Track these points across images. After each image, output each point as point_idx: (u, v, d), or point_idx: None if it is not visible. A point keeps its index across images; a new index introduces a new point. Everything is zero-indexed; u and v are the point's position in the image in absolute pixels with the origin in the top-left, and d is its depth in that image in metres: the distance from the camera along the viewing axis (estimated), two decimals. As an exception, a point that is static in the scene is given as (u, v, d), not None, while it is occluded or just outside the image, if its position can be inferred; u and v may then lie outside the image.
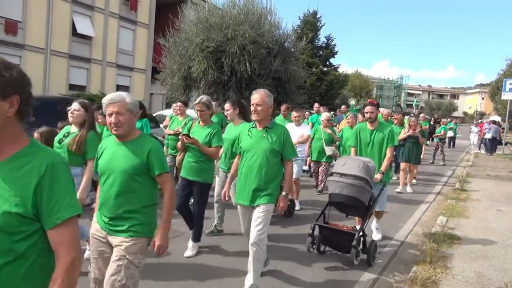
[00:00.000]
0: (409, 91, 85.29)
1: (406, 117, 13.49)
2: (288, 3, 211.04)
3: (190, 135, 4.57)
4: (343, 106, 15.06)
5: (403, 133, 9.45)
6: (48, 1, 21.29)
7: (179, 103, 7.49)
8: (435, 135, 15.80)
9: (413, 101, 76.15)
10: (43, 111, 6.64)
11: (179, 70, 15.90)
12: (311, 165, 8.62)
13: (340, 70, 37.78)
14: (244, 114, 5.33)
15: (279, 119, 8.73)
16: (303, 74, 17.80)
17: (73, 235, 1.46)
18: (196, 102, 4.66)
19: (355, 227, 4.96)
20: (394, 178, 10.20)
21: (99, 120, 6.38)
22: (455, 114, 68.54)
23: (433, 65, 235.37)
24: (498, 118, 27.87)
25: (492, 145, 19.89)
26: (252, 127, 3.84)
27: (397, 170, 10.52)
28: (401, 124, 10.27)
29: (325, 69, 33.36)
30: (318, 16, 32.76)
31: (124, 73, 26.39)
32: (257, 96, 3.71)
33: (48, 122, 6.41)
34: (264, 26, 15.64)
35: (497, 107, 38.66)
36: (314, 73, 29.60)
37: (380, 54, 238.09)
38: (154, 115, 15.42)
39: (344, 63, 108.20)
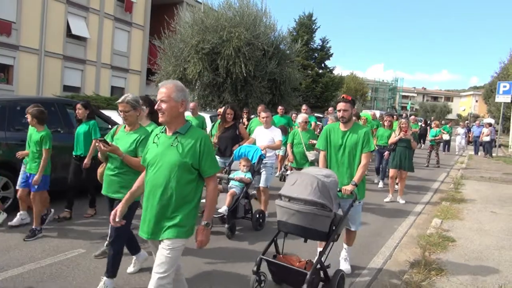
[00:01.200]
0: (403, 93, 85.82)
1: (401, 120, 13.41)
2: (283, 6, 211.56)
3: (114, 141, 3.83)
4: (330, 108, 13.97)
5: (394, 136, 8.62)
6: (43, 2, 21.20)
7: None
8: (433, 138, 15.24)
9: (408, 104, 76.67)
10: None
11: (174, 71, 15.88)
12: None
13: (336, 72, 37.96)
14: (153, 115, 4.29)
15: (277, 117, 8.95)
16: (298, 76, 17.85)
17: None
18: (119, 101, 3.78)
19: (309, 261, 3.84)
20: (380, 185, 9.96)
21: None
22: (449, 116, 68.87)
23: (428, 68, 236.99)
24: (492, 121, 28.03)
25: (490, 147, 19.75)
26: (162, 132, 2.84)
27: (385, 176, 9.95)
28: (392, 127, 9.71)
29: (320, 71, 33.48)
30: (313, 18, 32.86)
31: (119, 75, 26.32)
32: (163, 90, 2.71)
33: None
34: (259, 28, 15.67)
35: (490, 109, 38.93)
36: (309, 75, 29.72)
37: (375, 57, 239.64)
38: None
39: (340, 65, 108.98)
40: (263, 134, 6.51)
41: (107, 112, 8.93)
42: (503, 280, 4.36)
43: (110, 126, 7.63)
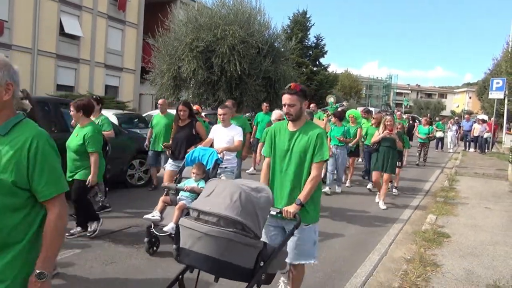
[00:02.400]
0: (398, 90, 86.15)
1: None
2: (277, 3, 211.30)
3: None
4: (312, 105, 12.40)
5: (377, 135, 7.77)
6: (35, 0, 21.03)
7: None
8: (426, 136, 14.46)
9: (403, 100, 77.01)
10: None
11: (168, 70, 15.82)
12: None
13: (331, 69, 38.00)
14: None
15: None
16: (293, 74, 17.85)
17: None
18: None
19: None
20: (369, 186, 9.16)
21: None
22: (443, 113, 69.22)
23: (422, 65, 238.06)
24: (485, 117, 28.19)
25: (484, 143, 19.82)
26: None
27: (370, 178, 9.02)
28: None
29: (314, 68, 33.47)
30: (307, 16, 32.84)
31: (113, 73, 26.18)
32: None
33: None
34: (253, 26, 15.65)
35: (484, 105, 39.15)
36: (304, 73, 29.72)
37: (370, 54, 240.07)
38: (143, 115, 15.32)
39: (335, 63, 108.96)
40: (221, 134, 5.67)
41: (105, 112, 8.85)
42: (498, 275, 4.39)
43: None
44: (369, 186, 9.19)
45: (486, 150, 19.68)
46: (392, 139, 7.52)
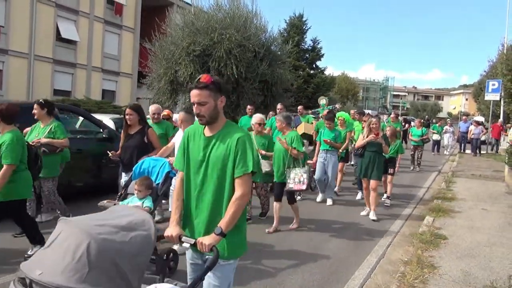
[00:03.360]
0: (394, 92, 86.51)
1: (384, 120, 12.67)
2: (274, 7, 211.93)
3: None
4: (299, 107, 11.80)
5: (361, 139, 7.12)
6: (32, 5, 21.05)
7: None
8: (420, 138, 13.71)
9: (399, 102, 77.33)
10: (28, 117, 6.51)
11: (165, 74, 15.82)
12: None
13: (328, 72, 38.12)
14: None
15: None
16: (289, 77, 17.87)
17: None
18: None
19: None
20: (358, 197, 8.46)
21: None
22: (440, 115, 69.50)
23: (419, 67, 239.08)
24: (481, 119, 28.29)
25: (479, 146, 19.43)
26: None
27: (360, 187, 8.21)
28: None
29: (311, 71, 33.57)
30: (304, 19, 32.96)
31: (110, 78, 26.20)
32: None
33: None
34: (250, 29, 15.67)
35: (480, 107, 39.35)
36: (300, 76, 29.78)
37: (367, 57, 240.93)
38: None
39: (332, 65, 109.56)
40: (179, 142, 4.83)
41: (98, 116, 8.88)
42: (495, 276, 4.41)
43: (101, 130, 7.60)
44: (359, 196, 8.42)
45: (480, 152, 19.32)
46: (378, 144, 6.89)
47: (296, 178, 5.79)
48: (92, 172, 7.28)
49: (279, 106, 10.68)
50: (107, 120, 9.16)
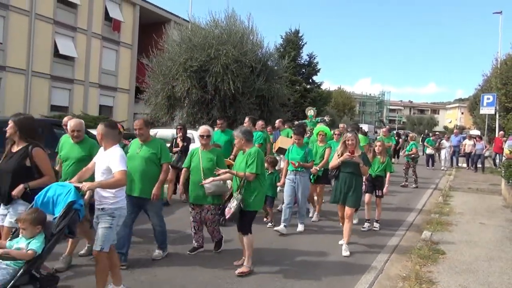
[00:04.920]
0: (391, 107, 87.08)
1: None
2: (270, 23, 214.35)
3: None
4: (277, 121, 10.98)
5: (335, 158, 5.93)
6: (30, 22, 21.22)
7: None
8: (407, 153, 13.18)
9: (396, 117, 77.77)
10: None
11: (162, 89, 15.90)
12: (191, 212, 5.44)
13: (324, 87, 38.38)
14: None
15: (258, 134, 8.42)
16: (286, 92, 17.98)
17: None
18: None
19: None
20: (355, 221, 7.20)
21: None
22: (436, 128, 69.87)
23: (414, 82, 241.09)
24: (477, 132, 28.40)
25: (483, 162, 18.25)
26: None
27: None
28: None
29: (308, 86, 33.79)
30: (300, 35, 33.32)
31: (107, 93, 26.28)
32: None
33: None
34: (246, 45, 15.83)
35: (476, 121, 39.59)
36: (297, 91, 29.96)
37: (363, 71, 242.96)
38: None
39: (328, 80, 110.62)
40: (100, 160, 3.97)
41: (95, 132, 8.85)
42: (493, 292, 4.38)
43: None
44: (355, 221, 7.34)
45: (484, 169, 17.86)
46: (354, 164, 5.75)
47: (231, 203, 4.86)
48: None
49: (277, 122, 10.63)
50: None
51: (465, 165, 19.70)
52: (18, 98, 20.83)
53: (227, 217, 4.82)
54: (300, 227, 6.87)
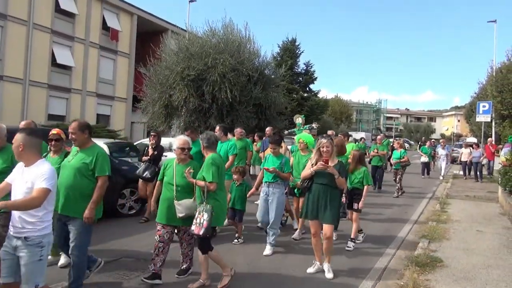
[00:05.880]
0: (387, 114, 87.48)
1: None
2: (267, 32, 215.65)
3: None
4: (268, 128, 10.71)
5: (308, 167, 5.15)
6: (27, 32, 21.28)
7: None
8: (397, 161, 12.44)
9: (393, 124, 78.08)
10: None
11: (160, 98, 15.96)
12: (159, 231, 4.66)
13: (321, 95, 38.57)
14: None
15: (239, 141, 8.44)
16: (283, 100, 18.09)
17: None
18: None
19: None
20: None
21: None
22: (433, 136, 70.12)
23: (411, 90, 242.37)
24: (474, 140, 28.50)
25: (481, 171, 17.56)
26: None
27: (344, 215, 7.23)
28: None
29: (305, 94, 33.99)
30: (297, 43, 33.56)
31: (104, 102, 26.30)
32: None
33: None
34: (243, 54, 15.94)
35: (473, 128, 39.81)
36: (294, 99, 30.08)
37: (360, 79, 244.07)
38: (135, 143, 15.32)
39: (326, 88, 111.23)
40: (19, 178, 3.22)
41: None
42: (491, 300, 4.37)
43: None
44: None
45: (482, 177, 17.35)
46: (329, 174, 4.94)
47: (198, 218, 4.35)
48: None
49: (268, 130, 10.29)
50: (101, 144, 9.16)
51: (461, 172, 19.23)
52: (15, 107, 20.82)
53: (201, 234, 4.26)
54: (268, 250, 5.91)
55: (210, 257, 4.45)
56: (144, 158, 7.93)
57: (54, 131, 4.80)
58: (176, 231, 4.75)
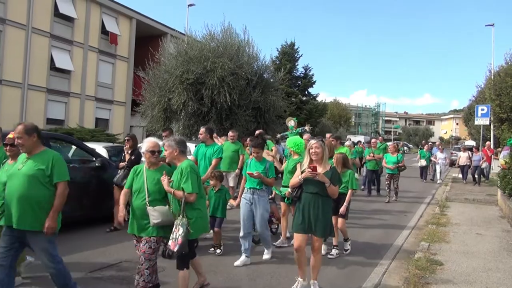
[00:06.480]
0: (386, 118, 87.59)
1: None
2: (266, 35, 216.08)
3: None
4: (257, 132, 10.36)
5: (297, 174, 4.64)
6: (26, 36, 21.29)
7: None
8: (395, 165, 11.88)
9: (392, 128, 78.17)
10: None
11: (159, 102, 15.96)
12: (136, 245, 4.18)
13: (320, 99, 38.66)
14: None
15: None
16: (282, 104, 18.10)
17: None
18: None
19: None
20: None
21: None
22: (432, 139, 70.22)
23: (409, 93, 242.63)
24: (472, 143, 28.52)
25: (480, 174, 17.35)
26: None
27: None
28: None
29: (304, 98, 34.05)
30: (295, 47, 33.65)
31: (103, 106, 26.29)
32: None
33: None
34: (242, 58, 15.95)
35: (471, 132, 39.87)
36: (293, 103, 30.16)
37: (359, 83, 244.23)
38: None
39: (325, 92, 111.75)
40: None
41: (91, 145, 8.86)
42: (492, 303, 4.36)
43: (94, 159, 7.55)
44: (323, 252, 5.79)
45: (480, 181, 17.15)
46: (320, 182, 4.37)
47: (174, 233, 3.90)
48: (84, 201, 7.12)
49: (257, 133, 9.77)
50: (100, 148, 9.14)
51: (460, 175, 19.08)
52: (14, 111, 20.79)
53: (175, 250, 3.83)
54: (266, 255, 5.79)
55: (179, 274, 4.04)
56: (121, 164, 7.29)
57: (10, 135, 4.29)
58: (135, 241, 4.15)
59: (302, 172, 4.48)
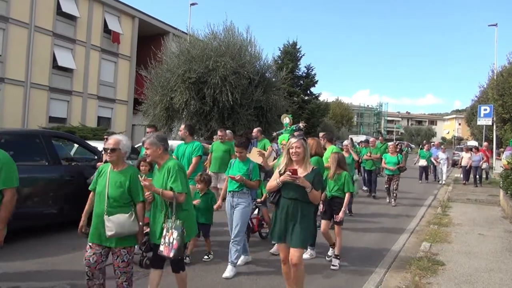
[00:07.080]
0: (388, 118, 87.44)
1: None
2: (268, 35, 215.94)
3: None
4: (255, 129, 10.06)
5: (275, 177, 4.07)
6: (29, 34, 21.32)
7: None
8: (396, 166, 11.28)
9: (394, 127, 78.03)
10: (22, 145, 6.51)
11: (161, 101, 15.97)
12: (86, 251, 3.67)
13: (322, 98, 38.65)
14: None
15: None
16: (284, 103, 18.10)
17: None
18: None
19: None
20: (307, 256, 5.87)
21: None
22: (434, 139, 70.08)
23: (412, 93, 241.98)
24: (475, 143, 28.44)
25: (480, 175, 17.13)
26: None
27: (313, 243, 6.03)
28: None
29: (306, 98, 34.03)
30: (297, 47, 33.63)
31: (105, 105, 26.32)
32: None
33: (30, 157, 6.30)
34: (245, 57, 15.96)
35: (474, 132, 39.78)
36: (295, 102, 30.15)
37: (361, 83, 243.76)
38: (136, 146, 15.31)
39: (327, 91, 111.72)
40: None
41: (93, 143, 8.86)
42: (494, 303, 4.35)
43: (96, 157, 7.55)
44: (310, 254, 5.93)
45: (481, 182, 16.99)
46: (299, 186, 3.85)
47: (167, 237, 3.60)
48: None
49: (255, 131, 9.76)
50: (102, 147, 9.13)
51: (462, 176, 18.42)
52: (16, 109, 20.84)
53: (170, 256, 3.54)
54: (228, 271, 4.99)
55: (177, 277, 3.83)
56: (99, 164, 6.42)
57: None
58: (89, 247, 3.62)
59: (280, 175, 3.94)
